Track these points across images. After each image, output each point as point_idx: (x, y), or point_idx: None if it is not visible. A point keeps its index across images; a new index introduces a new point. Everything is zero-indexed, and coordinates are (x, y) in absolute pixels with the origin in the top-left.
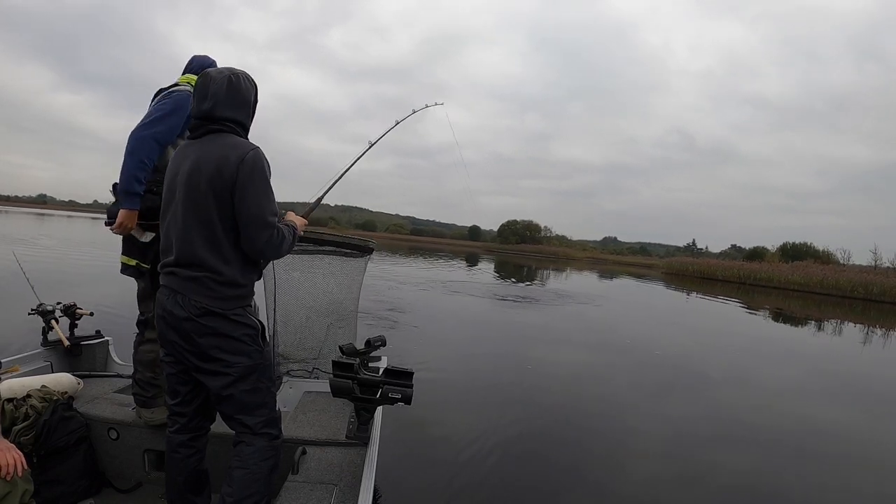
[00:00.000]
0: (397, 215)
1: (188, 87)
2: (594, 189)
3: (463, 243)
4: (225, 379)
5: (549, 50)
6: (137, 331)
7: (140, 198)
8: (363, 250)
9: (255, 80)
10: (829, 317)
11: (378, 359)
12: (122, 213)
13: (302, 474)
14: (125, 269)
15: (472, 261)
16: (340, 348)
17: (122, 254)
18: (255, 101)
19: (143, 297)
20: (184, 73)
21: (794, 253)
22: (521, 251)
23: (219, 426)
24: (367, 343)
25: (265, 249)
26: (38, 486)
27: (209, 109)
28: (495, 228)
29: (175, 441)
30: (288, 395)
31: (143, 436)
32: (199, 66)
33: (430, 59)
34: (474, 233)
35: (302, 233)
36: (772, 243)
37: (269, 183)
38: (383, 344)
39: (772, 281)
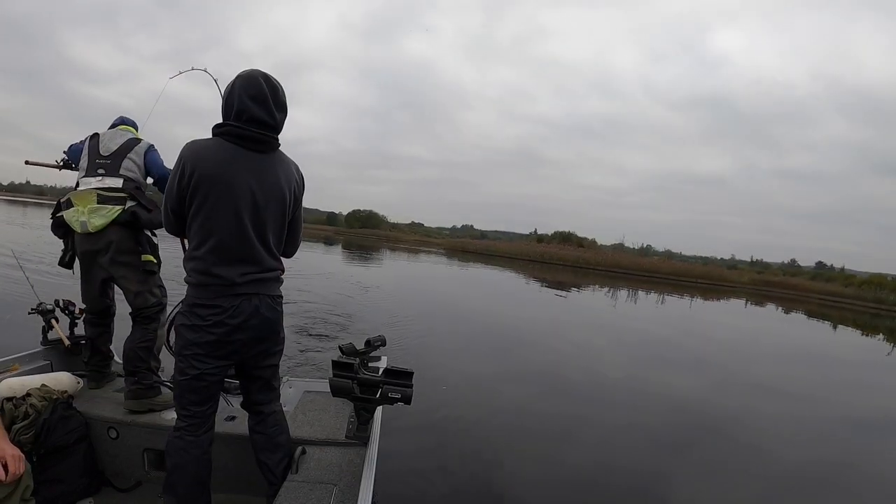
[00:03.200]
0: None
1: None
2: (437, 181)
3: (321, 228)
4: (280, 354)
5: (373, 77)
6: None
7: None
8: None
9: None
10: (585, 284)
11: (378, 358)
12: None
13: (301, 474)
14: (151, 265)
15: (329, 242)
16: (340, 348)
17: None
18: None
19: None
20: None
21: (562, 238)
22: (362, 234)
23: (218, 426)
24: (367, 343)
25: (297, 250)
26: (38, 485)
27: (282, 122)
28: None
29: (190, 442)
30: (288, 395)
31: (143, 435)
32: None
33: (284, 75)
34: (331, 219)
35: None
36: (573, 230)
37: None
38: (383, 344)
39: (542, 256)
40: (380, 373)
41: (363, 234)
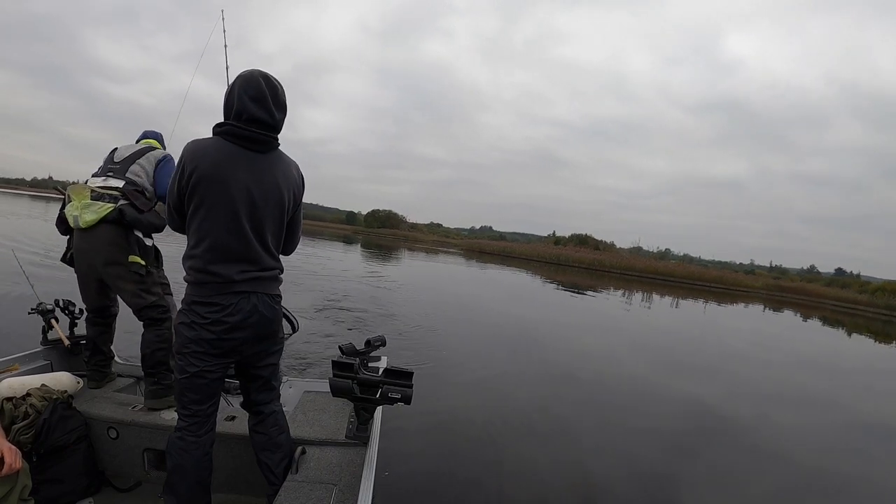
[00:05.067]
0: None
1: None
2: (455, 182)
3: (341, 227)
4: (279, 353)
5: (391, 78)
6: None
7: None
8: None
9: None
10: (601, 286)
11: (378, 359)
12: None
13: (301, 474)
14: (139, 266)
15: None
16: (340, 348)
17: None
18: None
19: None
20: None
21: (579, 240)
22: (381, 234)
23: (218, 426)
24: (367, 343)
25: (295, 248)
26: (38, 485)
27: (281, 121)
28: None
29: (191, 443)
30: (288, 395)
31: (143, 435)
32: (143, 137)
33: (303, 76)
34: (350, 218)
35: None
36: (591, 233)
37: None
38: (383, 344)
39: (558, 258)
40: (380, 373)
41: (382, 233)
